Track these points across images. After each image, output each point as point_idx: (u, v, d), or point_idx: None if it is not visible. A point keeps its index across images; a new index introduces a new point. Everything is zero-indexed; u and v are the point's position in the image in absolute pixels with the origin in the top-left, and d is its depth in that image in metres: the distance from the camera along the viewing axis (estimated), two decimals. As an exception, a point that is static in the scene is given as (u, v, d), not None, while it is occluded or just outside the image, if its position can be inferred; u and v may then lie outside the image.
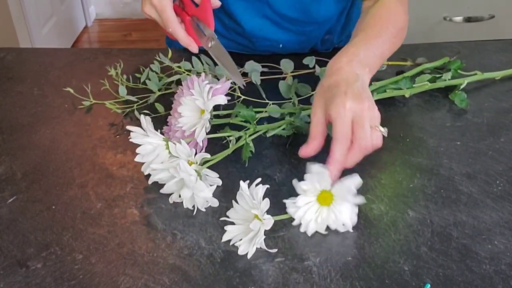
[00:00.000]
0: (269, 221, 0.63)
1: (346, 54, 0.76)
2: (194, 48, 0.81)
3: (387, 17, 0.85)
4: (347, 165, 0.67)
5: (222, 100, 0.73)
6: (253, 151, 0.79)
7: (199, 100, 0.74)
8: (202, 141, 0.74)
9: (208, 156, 0.71)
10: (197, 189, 0.68)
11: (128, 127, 0.72)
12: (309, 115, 0.81)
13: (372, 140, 0.68)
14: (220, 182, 0.72)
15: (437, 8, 1.78)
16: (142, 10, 0.84)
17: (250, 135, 0.78)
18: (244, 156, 0.76)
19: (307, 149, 0.70)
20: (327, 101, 0.69)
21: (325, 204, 0.66)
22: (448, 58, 0.95)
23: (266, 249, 0.64)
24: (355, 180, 0.65)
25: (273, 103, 0.85)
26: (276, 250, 0.65)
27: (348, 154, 0.67)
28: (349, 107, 0.67)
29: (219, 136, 0.78)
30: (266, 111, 0.83)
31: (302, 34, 1.03)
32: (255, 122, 0.79)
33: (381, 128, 0.69)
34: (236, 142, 0.77)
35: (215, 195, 0.72)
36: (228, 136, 0.78)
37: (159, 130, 0.72)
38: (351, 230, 0.66)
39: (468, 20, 1.80)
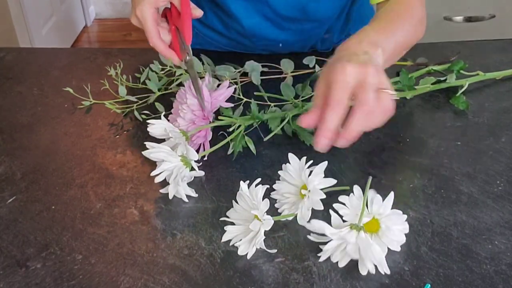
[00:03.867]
0: (269, 222, 0.62)
1: (357, 36, 0.71)
2: (176, 61, 0.79)
3: (404, 10, 0.82)
4: (351, 133, 0.61)
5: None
6: (254, 152, 0.79)
7: None
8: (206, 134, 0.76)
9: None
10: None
11: (147, 143, 0.70)
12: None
13: (379, 106, 0.62)
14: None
15: (437, 8, 1.78)
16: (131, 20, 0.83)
17: (245, 130, 0.79)
18: (235, 149, 0.77)
19: (305, 118, 0.64)
20: (330, 71, 0.64)
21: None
22: (449, 65, 0.94)
23: (266, 249, 0.63)
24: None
25: (274, 105, 0.85)
26: (276, 250, 0.65)
27: (350, 120, 0.61)
28: (349, 72, 0.61)
29: (221, 139, 0.78)
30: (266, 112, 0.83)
31: (301, 33, 1.03)
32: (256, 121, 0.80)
33: (390, 91, 0.63)
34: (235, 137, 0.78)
35: (215, 193, 0.72)
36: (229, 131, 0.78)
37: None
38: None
39: (468, 20, 1.79)
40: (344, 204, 0.64)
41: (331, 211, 0.64)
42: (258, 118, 0.80)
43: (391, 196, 0.63)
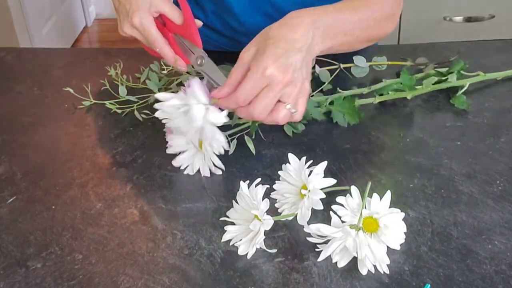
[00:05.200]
0: (269, 221, 0.62)
1: (314, 13, 0.72)
2: (183, 66, 0.79)
3: (373, 2, 0.82)
4: (236, 110, 0.68)
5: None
6: (254, 152, 0.79)
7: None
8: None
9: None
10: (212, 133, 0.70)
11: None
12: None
13: (270, 115, 0.67)
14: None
15: (437, 8, 1.78)
16: (120, 30, 0.81)
17: (245, 129, 0.78)
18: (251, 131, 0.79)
19: (219, 93, 0.69)
20: (259, 50, 0.67)
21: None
22: (449, 67, 0.94)
23: (266, 249, 0.63)
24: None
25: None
26: (276, 250, 0.65)
27: (239, 109, 0.68)
28: (268, 74, 0.65)
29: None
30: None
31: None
32: None
33: (291, 109, 0.68)
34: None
35: (215, 193, 0.72)
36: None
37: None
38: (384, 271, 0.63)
39: (468, 20, 1.80)
40: (342, 205, 0.64)
41: (331, 213, 0.64)
42: None
43: (388, 195, 0.63)
